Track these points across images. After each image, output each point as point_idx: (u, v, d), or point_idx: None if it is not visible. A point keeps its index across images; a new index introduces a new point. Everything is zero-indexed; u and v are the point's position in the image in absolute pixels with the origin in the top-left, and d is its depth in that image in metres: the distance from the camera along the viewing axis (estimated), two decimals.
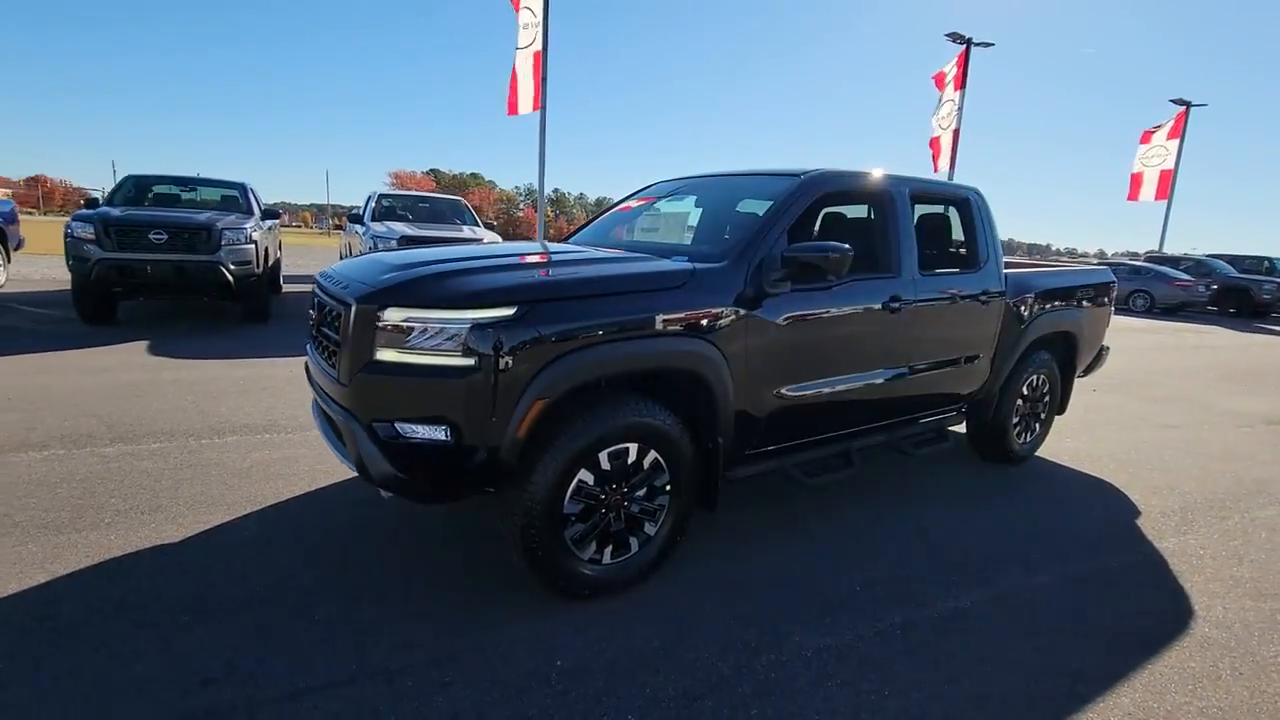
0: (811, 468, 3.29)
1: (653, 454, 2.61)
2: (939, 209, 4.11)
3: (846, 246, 2.81)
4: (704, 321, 2.64)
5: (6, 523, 2.93)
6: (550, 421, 2.35)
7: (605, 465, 2.49)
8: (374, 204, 9.97)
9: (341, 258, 7.26)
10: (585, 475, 2.45)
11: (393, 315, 2.26)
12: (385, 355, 2.28)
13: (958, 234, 4.12)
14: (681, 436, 2.66)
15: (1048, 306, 4.29)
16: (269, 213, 9.05)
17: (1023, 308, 4.14)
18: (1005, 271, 4.10)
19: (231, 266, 7.39)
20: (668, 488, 2.70)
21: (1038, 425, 4.61)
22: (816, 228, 3.73)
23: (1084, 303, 4.60)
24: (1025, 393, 4.38)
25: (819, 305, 3.06)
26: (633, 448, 2.54)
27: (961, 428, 4.60)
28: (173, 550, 2.81)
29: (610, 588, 2.60)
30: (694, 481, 2.76)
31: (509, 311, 2.23)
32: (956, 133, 18.98)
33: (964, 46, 18.55)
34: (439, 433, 2.25)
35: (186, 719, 1.88)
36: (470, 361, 2.20)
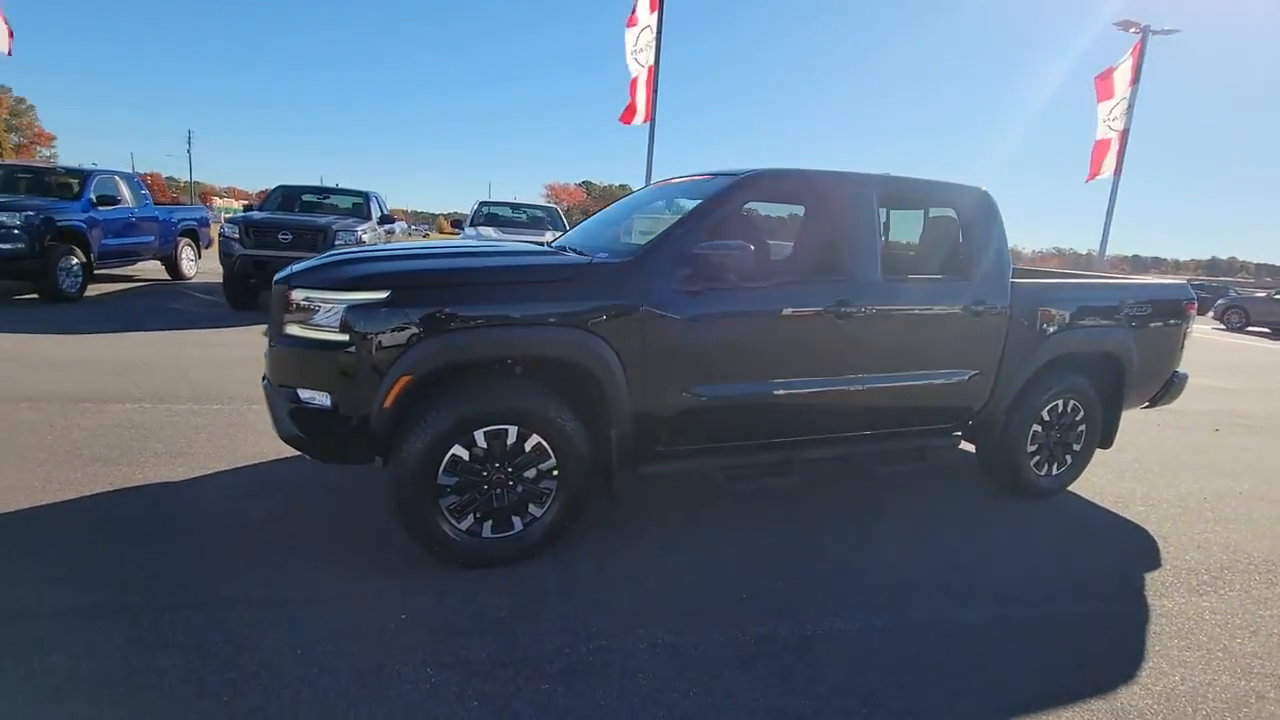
0: (742, 473, 3.22)
1: (535, 438, 2.73)
2: (942, 212, 3.81)
3: (748, 245, 2.76)
4: (590, 315, 2.72)
5: (74, 454, 3.71)
6: (422, 397, 2.58)
7: (482, 443, 2.66)
8: (476, 211, 10.89)
9: None
10: (460, 451, 2.64)
11: (297, 295, 2.61)
12: (292, 329, 2.64)
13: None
14: (570, 424, 2.76)
15: (1071, 324, 3.79)
16: (385, 218, 10.24)
17: (1034, 323, 3.70)
18: (1015, 281, 3.69)
19: None
20: (555, 473, 2.81)
21: (1068, 457, 4.07)
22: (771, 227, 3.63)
23: (1133, 322, 4.00)
24: (1046, 418, 3.90)
25: (741, 305, 3.01)
26: (512, 430, 2.69)
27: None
28: (171, 487, 3.40)
29: (489, 561, 2.76)
30: (585, 470, 2.84)
31: (381, 295, 2.50)
32: (1125, 134, 16.76)
33: (1139, 36, 16.32)
34: (325, 399, 2.56)
35: (83, 611, 2.32)
36: (346, 337, 2.49)
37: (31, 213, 8.23)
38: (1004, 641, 2.55)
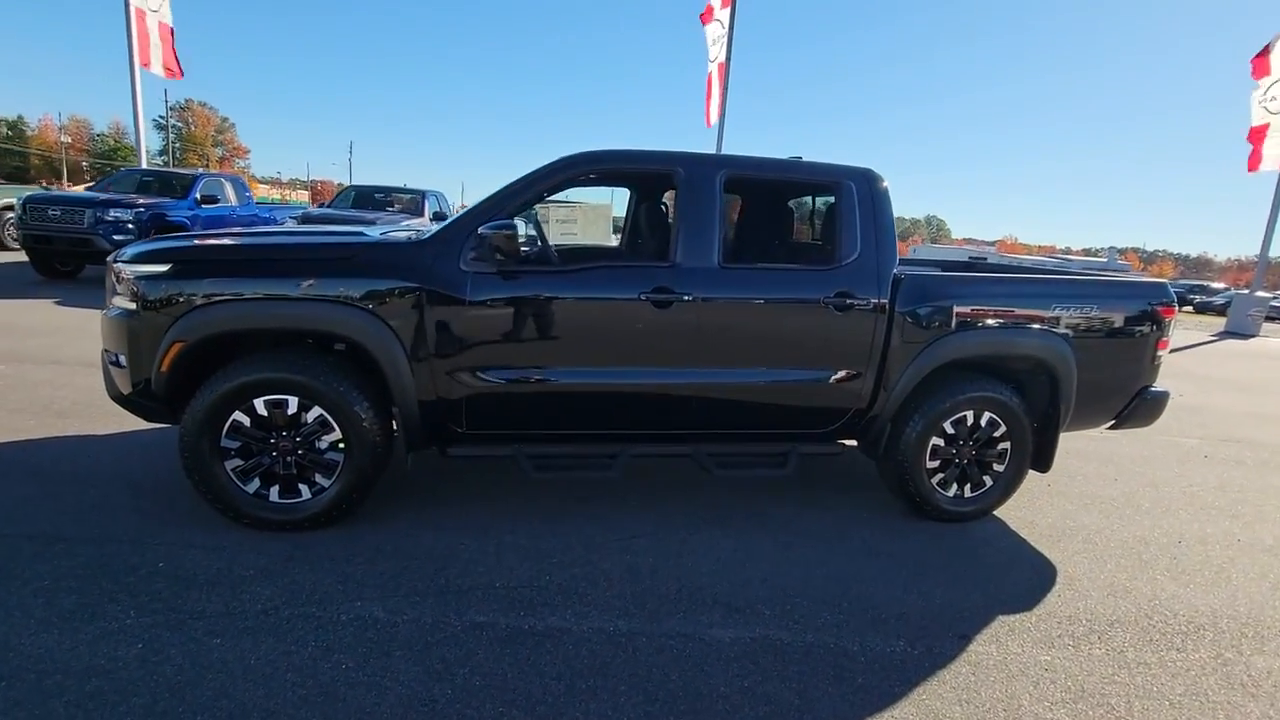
0: (551, 462, 3.13)
1: (317, 410, 2.84)
2: (817, 197, 3.47)
3: (513, 224, 2.69)
4: (363, 292, 2.78)
5: (43, 408, 4.33)
6: (201, 364, 2.77)
7: (261, 411, 2.80)
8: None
9: None
10: (241, 417, 2.80)
11: (116, 268, 2.90)
12: (114, 299, 2.93)
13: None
14: (352, 399, 2.83)
15: (974, 323, 3.29)
16: (438, 215, 10.93)
17: (924, 320, 3.26)
18: (904, 272, 3.28)
19: None
20: (340, 445, 2.89)
21: (987, 478, 3.53)
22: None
23: (1072, 325, 3.39)
24: (949, 431, 3.41)
25: (535, 289, 2.93)
26: (292, 400, 2.81)
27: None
28: (92, 440, 3.88)
29: (272, 524, 2.88)
30: (372, 445, 2.90)
31: (163, 268, 2.72)
32: None
33: None
34: (123, 361, 2.83)
35: None
36: (134, 306, 2.74)
37: (142, 209, 9.66)
38: (738, 663, 2.30)
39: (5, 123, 64.05)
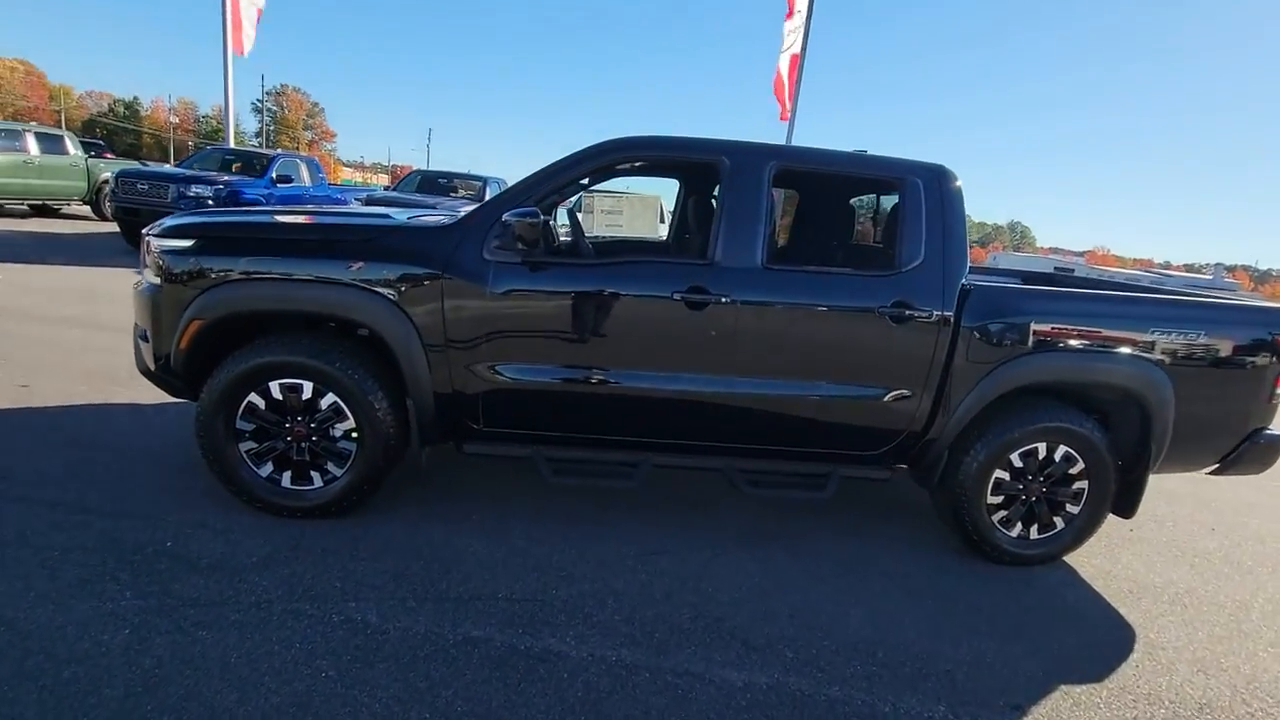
0: (570, 466, 2.94)
1: (331, 396, 2.74)
2: (881, 195, 3.13)
3: (538, 212, 2.50)
4: (380, 278, 2.66)
5: (105, 374, 4.47)
6: (222, 343, 2.71)
7: (276, 394, 2.73)
8: (578, 200, 11.25)
9: None
10: (256, 399, 2.73)
11: (148, 240, 2.89)
12: (145, 274, 2.92)
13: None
14: (364, 386, 2.72)
15: (1053, 344, 2.90)
16: None
17: (995, 338, 2.89)
18: (972, 283, 2.93)
19: None
20: (354, 435, 2.80)
21: (1058, 520, 3.13)
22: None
23: (1174, 354, 2.95)
24: (1017, 464, 3.03)
25: (563, 283, 2.74)
26: (307, 385, 2.73)
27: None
28: (138, 409, 3.96)
29: (283, 510, 2.81)
30: (385, 436, 2.79)
31: (186, 243, 2.67)
32: None
33: None
34: (149, 335, 2.81)
35: None
36: (158, 280, 2.71)
37: (220, 186, 10.07)
38: (747, 713, 2.05)
39: (122, 103, 69.31)
